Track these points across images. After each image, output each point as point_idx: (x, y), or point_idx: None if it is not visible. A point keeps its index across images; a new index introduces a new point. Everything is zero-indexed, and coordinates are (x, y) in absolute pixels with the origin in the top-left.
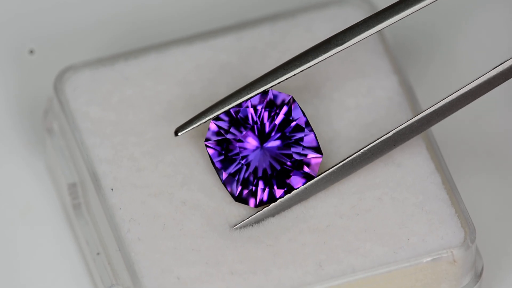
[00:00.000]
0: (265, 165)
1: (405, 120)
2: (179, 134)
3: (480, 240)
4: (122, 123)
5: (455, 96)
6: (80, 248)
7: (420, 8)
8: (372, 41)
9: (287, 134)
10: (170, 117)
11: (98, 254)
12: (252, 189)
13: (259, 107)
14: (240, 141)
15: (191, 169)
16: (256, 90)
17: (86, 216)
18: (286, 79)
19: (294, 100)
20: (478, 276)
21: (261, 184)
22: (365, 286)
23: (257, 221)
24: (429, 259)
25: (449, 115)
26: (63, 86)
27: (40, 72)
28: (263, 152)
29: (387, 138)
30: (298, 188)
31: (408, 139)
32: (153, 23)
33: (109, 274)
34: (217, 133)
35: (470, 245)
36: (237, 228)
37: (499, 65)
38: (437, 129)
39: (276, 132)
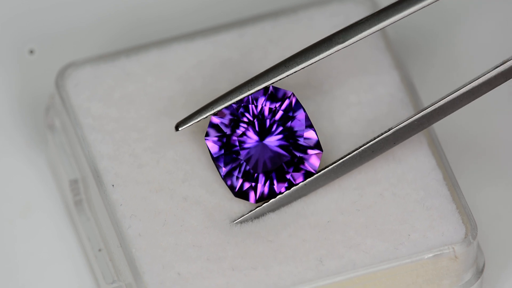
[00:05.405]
0: (265, 160)
1: (406, 116)
2: (180, 129)
3: (481, 236)
4: (124, 119)
5: (457, 95)
6: (81, 245)
7: (423, 7)
8: (374, 37)
9: (287, 129)
10: (172, 113)
11: (99, 250)
12: (252, 184)
13: (259, 103)
14: (240, 136)
15: (192, 165)
16: (257, 86)
17: (87, 212)
18: (287, 76)
19: (294, 96)
20: (479, 272)
21: (261, 179)
22: (366, 282)
23: (257, 216)
24: (430, 255)
25: (450, 113)
26: (65, 82)
27: (41, 70)
28: (263, 147)
29: (387, 136)
30: (297, 184)
31: (409, 137)
32: (154, 20)
33: (110, 270)
34: (218, 128)
35: (471, 241)
36: (237, 223)
37: (501, 64)
38: (439, 125)
39: (277, 127)
